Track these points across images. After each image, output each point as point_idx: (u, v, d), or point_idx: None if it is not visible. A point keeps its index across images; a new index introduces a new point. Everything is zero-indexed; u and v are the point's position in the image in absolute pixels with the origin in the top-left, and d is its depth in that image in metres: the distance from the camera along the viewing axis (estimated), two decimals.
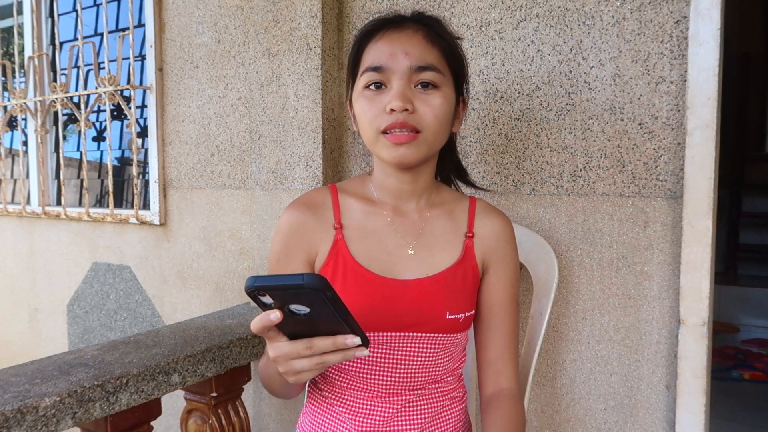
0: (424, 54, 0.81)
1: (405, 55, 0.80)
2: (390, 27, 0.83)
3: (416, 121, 0.81)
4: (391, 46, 0.81)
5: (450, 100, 0.84)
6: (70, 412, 0.92)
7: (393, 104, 0.79)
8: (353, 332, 0.63)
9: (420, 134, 0.81)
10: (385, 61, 0.81)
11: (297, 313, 0.61)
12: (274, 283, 0.57)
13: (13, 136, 2.65)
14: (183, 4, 1.81)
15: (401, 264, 0.88)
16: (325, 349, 0.64)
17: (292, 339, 0.66)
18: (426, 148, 0.84)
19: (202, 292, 1.83)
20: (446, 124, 0.85)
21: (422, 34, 0.82)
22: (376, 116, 0.82)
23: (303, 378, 0.67)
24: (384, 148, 0.83)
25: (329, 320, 0.62)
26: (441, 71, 0.82)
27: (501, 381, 0.91)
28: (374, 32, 0.84)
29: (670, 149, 1.11)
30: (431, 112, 0.81)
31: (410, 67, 0.80)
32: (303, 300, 0.59)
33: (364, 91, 0.84)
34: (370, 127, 0.83)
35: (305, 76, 1.45)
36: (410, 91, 0.81)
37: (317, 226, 0.90)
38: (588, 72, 1.18)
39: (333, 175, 1.49)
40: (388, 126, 0.80)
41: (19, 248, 2.48)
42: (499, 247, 0.93)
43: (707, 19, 1.03)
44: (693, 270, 1.06)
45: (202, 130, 1.79)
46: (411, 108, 0.80)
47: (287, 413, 1.59)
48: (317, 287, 0.56)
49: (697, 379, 1.07)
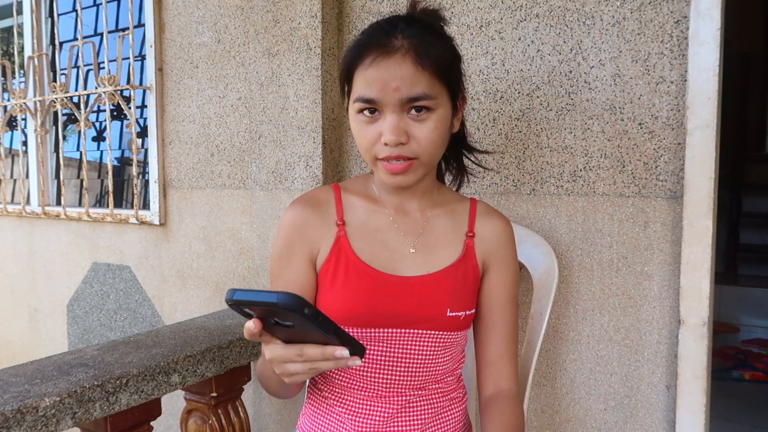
0: (414, 84, 0.79)
1: (395, 90, 0.78)
2: (378, 52, 0.80)
3: (411, 150, 0.81)
4: (381, 78, 0.79)
5: (445, 116, 0.83)
6: (69, 412, 0.92)
7: (387, 138, 0.79)
8: (343, 343, 0.63)
9: (416, 160, 0.82)
10: (376, 95, 0.79)
11: (283, 324, 0.61)
12: (250, 299, 0.57)
13: (13, 136, 2.65)
14: (183, 4, 1.81)
15: (403, 261, 0.89)
16: (315, 357, 0.64)
17: (286, 342, 0.66)
18: (423, 170, 0.84)
19: (202, 292, 1.83)
20: (443, 142, 0.85)
21: (411, 59, 0.79)
22: (372, 144, 0.82)
23: (297, 379, 0.68)
24: (382, 173, 0.84)
25: (315, 333, 0.62)
26: (433, 95, 0.80)
27: (500, 382, 0.91)
28: (363, 56, 0.81)
29: (671, 149, 1.11)
30: (426, 139, 0.81)
31: (401, 99, 0.79)
32: (283, 316, 0.59)
33: (358, 116, 0.83)
34: (367, 153, 0.84)
35: (305, 76, 1.45)
36: (404, 121, 0.80)
37: (320, 223, 0.90)
38: (588, 72, 1.18)
39: (333, 175, 1.49)
40: (384, 157, 0.81)
41: (19, 248, 2.48)
42: (500, 248, 0.93)
43: (707, 19, 1.03)
44: (693, 270, 1.06)
45: (202, 130, 1.79)
46: (405, 139, 0.80)
47: (287, 413, 1.58)
48: (292, 307, 0.55)
49: (698, 379, 1.07)
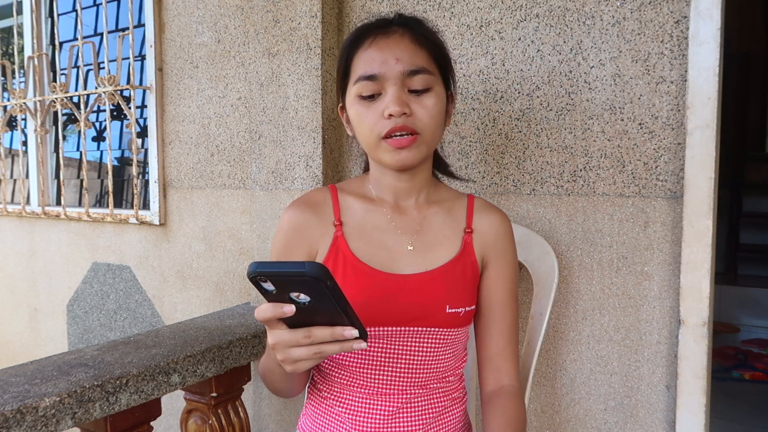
0: (414, 57, 0.83)
1: (396, 61, 0.82)
2: (377, 33, 0.85)
3: (414, 123, 0.83)
4: (382, 53, 0.83)
5: (442, 99, 0.86)
6: (69, 413, 0.92)
7: (391, 109, 0.81)
8: (352, 324, 0.64)
9: (419, 136, 0.83)
10: (378, 69, 0.82)
11: (297, 301, 0.62)
12: (275, 269, 0.58)
13: (13, 136, 2.65)
14: (183, 4, 1.80)
15: (401, 260, 0.89)
16: (323, 338, 0.65)
17: (291, 328, 0.66)
18: (426, 148, 0.86)
19: (202, 292, 1.83)
20: (441, 122, 0.88)
21: (409, 37, 0.84)
22: (375, 122, 0.83)
23: (300, 367, 0.68)
24: (386, 153, 0.85)
25: (329, 310, 0.63)
26: (431, 72, 0.84)
27: (501, 378, 0.92)
28: (362, 40, 0.86)
29: (671, 149, 1.11)
30: (427, 114, 0.83)
31: (403, 72, 0.82)
32: (304, 288, 0.60)
33: (358, 100, 0.85)
34: (371, 133, 0.84)
35: (305, 76, 1.45)
36: (405, 95, 0.83)
37: (317, 225, 0.91)
38: (588, 72, 1.18)
39: (333, 175, 1.49)
40: (389, 131, 0.82)
41: (19, 248, 2.48)
42: (498, 243, 0.93)
43: (707, 18, 1.03)
44: (693, 270, 1.06)
45: (202, 130, 1.79)
46: (408, 111, 0.82)
47: (287, 413, 1.58)
48: (318, 276, 0.57)
49: (698, 380, 1.07)
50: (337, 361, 0.90)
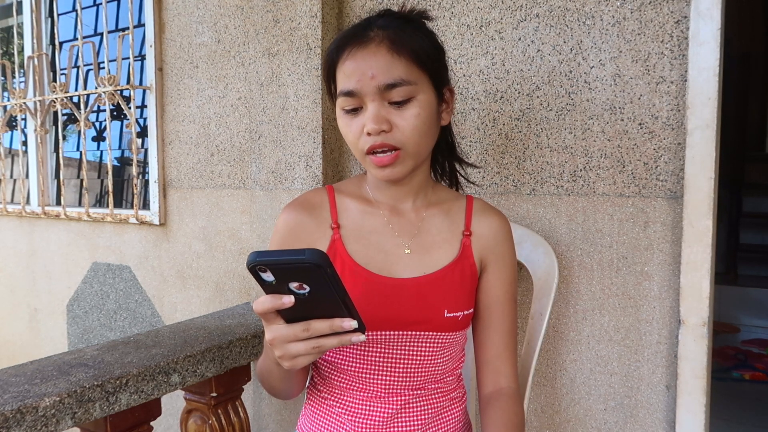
0: (391, 70, 0.79)
1: (371, 77, 0.79)
2: (353, 44, 0.81)
3: (394, 139, 0.81)
4: (357, 68, 0.80)
5: (428, 104, 0.83)
6: (69, 412, 0.92)
7: (368, 127, 0.80)
8: (351, 315, 0.64)
9: (401, 151, 0.82)
10: (354, 85, 0.80)
11: (297, 293, 0.61)
12: (276, 258, 0.58)
13: (13, 136, 2.65)
14: (183, 4, 1.80)
15: (398, 263, 0.88)
16: (322, 331, 0.64)
17: (288, 323, 0.66)
18: (411, 162, 0.84)
19: (202, 292, 1.83)
20: (429, 130, 0.84)
21: (386, 46, 0.80)
22: (357, 138, 0.83)
23: (299, 363, 0.67)
24: (371, 168, 0.84)
25: (328, 301, 0.62)
26: (411, 81, 0.80)
27: (500, 380, 0.91)
28: (341, 51, 0.83)
29: (671, 149, 1.11)
30: (409, 126, 0.81)
31: (378, 87, 0.79)
32: (303, 277, 0.59)
33: (343, 112, 0.84)
34: (355, 147, 0.84)
35: (305, 76, 1.45)
36: (385, 110, 0.80)
37: (314, 227, 0.90)
38: (588, 72, 1.18)
39: (333, 175, 1.49)
40: (369, 148, 0.81)
41: (19, 248, 2.48)
42: (497, 246, 0.93)
43: (707, 19, 1.03)
44: (693, 270, 1.06)
45: (202, 130, 1.79)
46: (387, 127, 0.80)
47: (287, 413, 1.58)
48: (318, 263, 0.57)
49: (698, 380, 1.07)
50: (336, 365, 0.90)
